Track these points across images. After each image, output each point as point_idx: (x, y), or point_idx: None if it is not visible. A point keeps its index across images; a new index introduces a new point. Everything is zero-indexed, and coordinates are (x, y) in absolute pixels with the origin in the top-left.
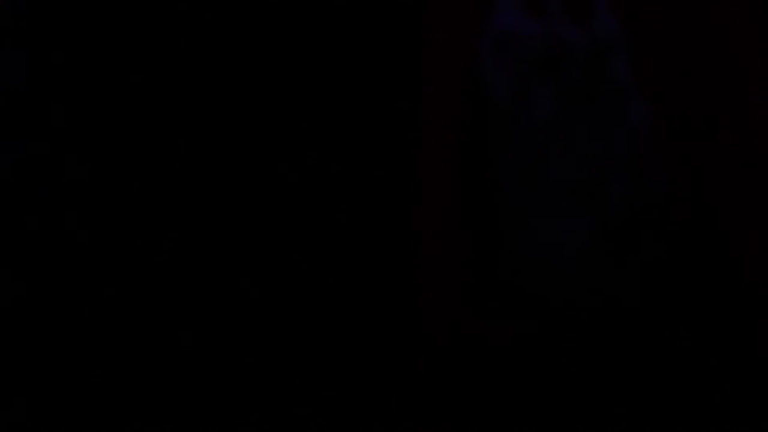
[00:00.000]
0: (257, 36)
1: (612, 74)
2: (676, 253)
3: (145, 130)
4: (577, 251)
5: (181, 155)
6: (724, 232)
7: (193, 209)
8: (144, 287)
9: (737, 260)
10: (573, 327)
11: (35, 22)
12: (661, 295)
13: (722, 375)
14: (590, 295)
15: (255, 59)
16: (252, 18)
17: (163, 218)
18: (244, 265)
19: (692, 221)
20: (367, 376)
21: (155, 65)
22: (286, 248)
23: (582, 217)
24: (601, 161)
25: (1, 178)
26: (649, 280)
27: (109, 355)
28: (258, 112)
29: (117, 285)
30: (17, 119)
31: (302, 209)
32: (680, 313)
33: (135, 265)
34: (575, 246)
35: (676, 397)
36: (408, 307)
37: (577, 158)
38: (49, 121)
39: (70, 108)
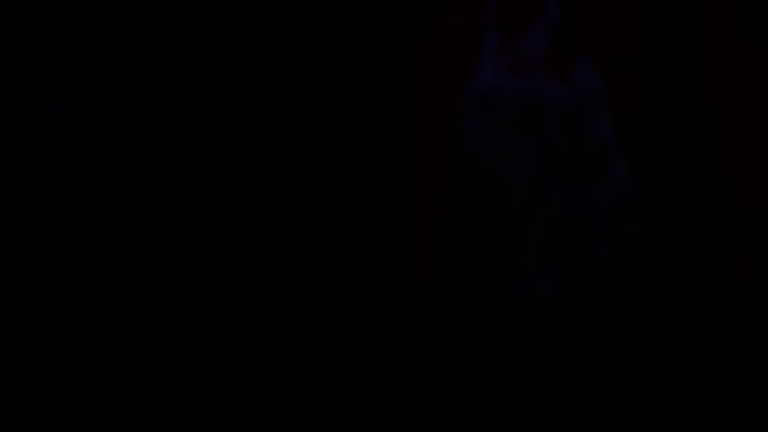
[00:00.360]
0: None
1: (593, 131)
2: (653, 305)
3: (145, 129)
4: (558, 304)
5: (184, 159)
6: (703, 284)
7: (192, 211)
8: (141, 287)
9: (718, 311)
10: (552, 376)
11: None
12: (638, 346)
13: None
14: (569, 347)
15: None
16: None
17: (161, 220)
18: (240, 282)
19: (671, 273)
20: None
21: (156, 68)
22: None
23: (563, 271)
24: (582, 217)
25: None
26: (627, 333)
27: (109, 355)
28: (258, 128)
29: (116, 285)
30: None
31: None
32: (657, 364)
33: (133, 265)
34: (556, 299)
35: None
36: (402, 342)
37: (558, 214)
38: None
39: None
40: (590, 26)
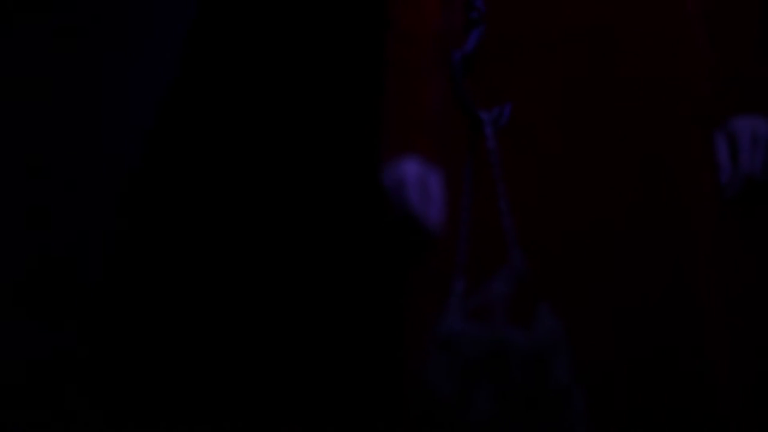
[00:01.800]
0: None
1: (552, 374)
2: None
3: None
4: None
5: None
6: None
7: (196, 218)
8: (143, 292)
9: None
10: None
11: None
12: None
13: None
14: None
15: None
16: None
17: (165, 234)
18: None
19: None
20: None
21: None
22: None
23: None
24: None
25: None
26: None
27: (111, 356)
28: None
29: (119, 288)
30: None
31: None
32: None
33: (135, 270)
34: None
35: None
36: None
37: None
38: None
39: None
40: (553, 275)
